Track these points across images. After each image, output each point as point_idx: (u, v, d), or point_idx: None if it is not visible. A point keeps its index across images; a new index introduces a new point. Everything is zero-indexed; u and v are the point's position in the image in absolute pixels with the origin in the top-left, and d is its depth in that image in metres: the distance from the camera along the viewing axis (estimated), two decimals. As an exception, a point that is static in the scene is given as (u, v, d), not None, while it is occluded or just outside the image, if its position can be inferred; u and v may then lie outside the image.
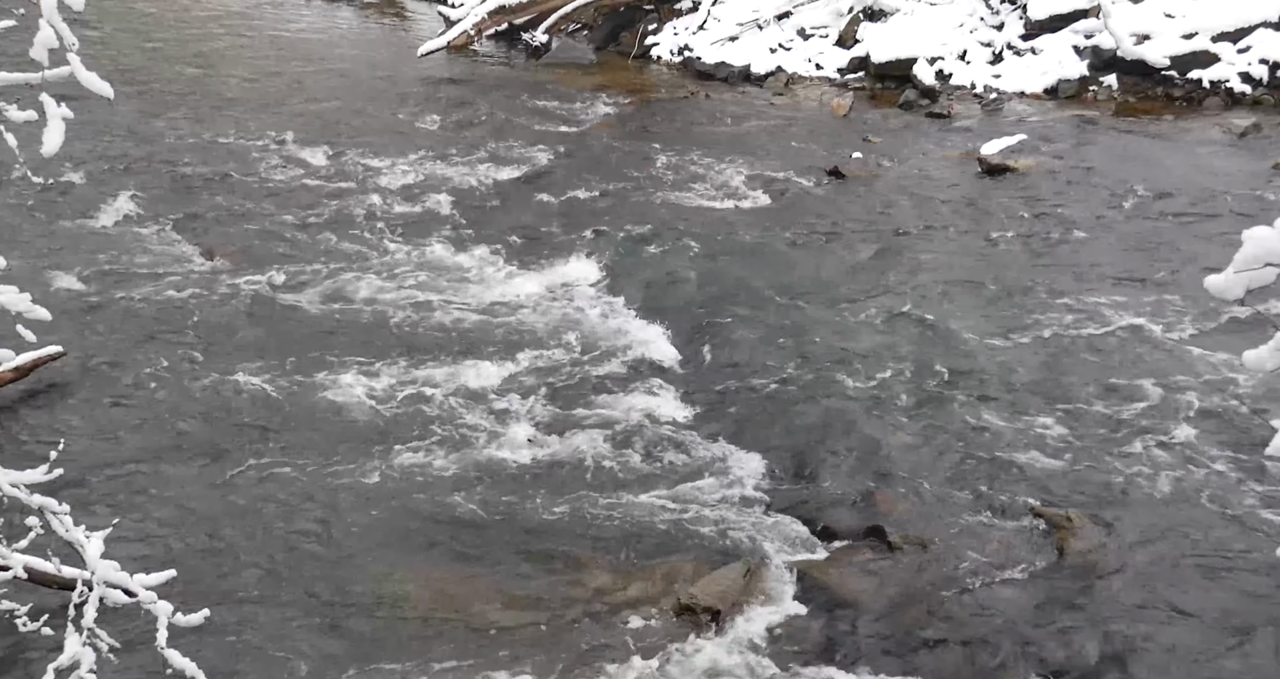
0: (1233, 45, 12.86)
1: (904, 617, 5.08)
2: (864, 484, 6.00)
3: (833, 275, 8.60)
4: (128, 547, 5.23)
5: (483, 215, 9.78)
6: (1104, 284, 8.31)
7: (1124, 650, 4.82)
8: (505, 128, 12.15)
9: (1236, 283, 3.03)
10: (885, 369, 7.16)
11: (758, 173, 10.78)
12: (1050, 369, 7.11)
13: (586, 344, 7.58)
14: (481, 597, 5.26)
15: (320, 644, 4.93)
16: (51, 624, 3.73)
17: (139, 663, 4.41)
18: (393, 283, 8.40)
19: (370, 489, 6.00)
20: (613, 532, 5.69)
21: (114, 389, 6.86)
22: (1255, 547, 5.41)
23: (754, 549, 5.51)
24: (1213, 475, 6.00)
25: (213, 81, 13.48)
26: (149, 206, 9.63)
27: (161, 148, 11.06)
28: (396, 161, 10.96)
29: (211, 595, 5.07)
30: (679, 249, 9.06)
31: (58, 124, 2.90)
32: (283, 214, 9.62)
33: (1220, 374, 6.91)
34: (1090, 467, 6.13)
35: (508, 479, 6.12)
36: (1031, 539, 5.57)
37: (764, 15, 15.07)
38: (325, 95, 13.16)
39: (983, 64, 13.87)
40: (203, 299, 8.04)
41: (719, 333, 7.72)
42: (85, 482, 5.87)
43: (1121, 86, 13.05)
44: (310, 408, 6.72)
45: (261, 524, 5.70)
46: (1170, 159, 11.06)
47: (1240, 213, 9.27)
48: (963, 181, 10.71)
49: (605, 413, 6.75)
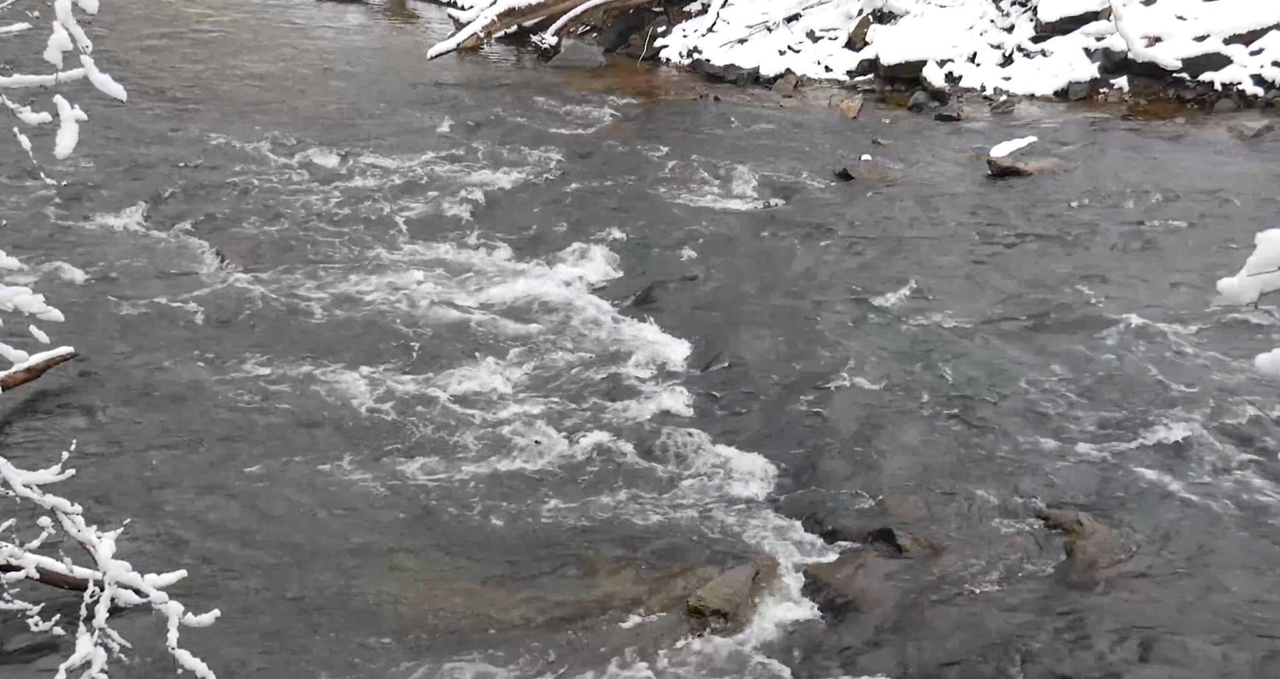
0: (1245, 47, 12.80)
1: (913, 619, 5.07)
2: (873, 487, 5.98)
3: (841, 278, 8.59)
4: (139, 547, 5.25)
5: (492, 217, 9.79)
6: (1114, 286, 8.28)
7: (1135, 653, 4.80)
8: (515, 130, 12.16)
9: (1250, 286, 3.01)
10: (894, 372, 7.14)
11: (767, 175, 10.77)
12: (1060, 371, 7.09)
13: (594, 346, 7.58)
14: (489, 598, 5.27)
15: (329, 644, 4.94)
16: (63, 624, 3.74)
17: (150, 663, 4.43)
18: (402, 284, 8.42)
19: (378, 490, 6.01)
20: (620, 534, 5.69)
21: (125, 390, 6.89)
22: (1267, 550, 5.38)
23: (762, 552, 5.50)
24: (1224, 479, 5.97)
25: (224, 84, 13.53)
26: (161, 209, 9.66)
27: (173, 150, 11.11)
28: (407, 163, 10.98)
29: (222, 596, 5.08)
30: (688, 251, 9.06)
31: (71, 126, 2.91)
32: (293, 216, 9.65)
33: (1233, 378, 6.88)
34: (1100, 469, 6.11)
35: (514, 481, 6.13)
36: (1041, 542, 5.55)
37: (773, 17, 15.06)
38: (336, 97, 13.20)
39: (993, 66, 13.83)
40: (214, 301, 8.06)
41: (727, 335, 7.71)
42: (97, 482, 5.89)
43: (1133, 89, 13.00)
44: (319, 409, 6.74)
45: (271, 524, 5.72)
46: (1182, 161, 11.02)
47: (1252, 215, 9.23)
48: (972, 184, 10.68)
49: (612, 415, 6.75)
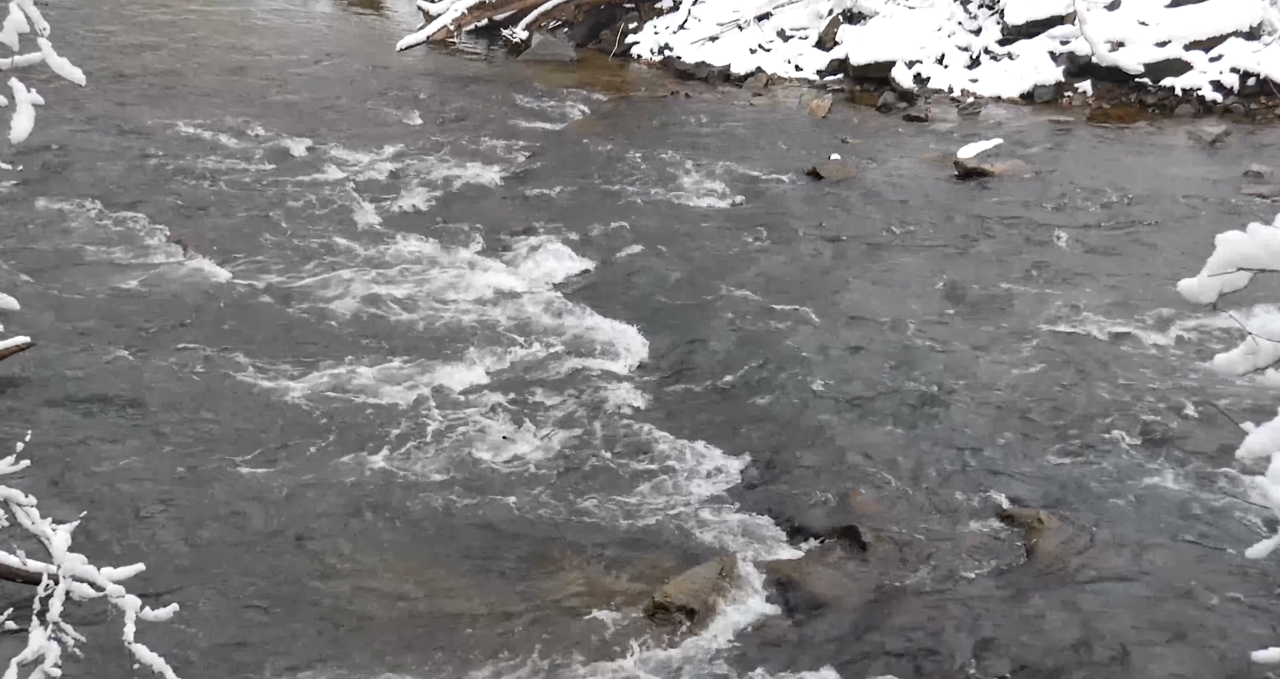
0: (1205, 54, 13.01)
1: (876, 615, 5.10)
2: (838, 484, 6.02)
3: (809, 276, 8.63)
4: (95, 540, 5.17)
5: (458, 211, 9.73)
6: (1077, 287, 8.38)
7: (1093, 647, 4.86)
8: (483, 124, 12.09)
9: (1210, 286, 3.04)
10: (859, 370, 7.18)
11: (736, 173, 10.79)
12: (1021, 371, 7.16)
13: (558, 341, 7.56)
14: (454, 594, 5.24)
15: (291, 640, 4.89)
16: (16, 618, 3.67)
17: (106, 658, 4.35)
18: (365, 278, 8.34)
19: (342, 485, 5.95)
20: (587, 530, 5.68)
21: (83, 380, 6.77)
22: (1226, 547, 5.47)
23: (728, 548, 5.51)
24: (1184, 477, 6.07)
25: (187, 71, 13.33)
26: (121, 196, 9.51)
27: (135, 138, 10.93)
28: (373, 156, 10.88)
29: (181, 590, 5.01)
30: (655, 248, 9.05)
31: (27, 110, 2.85)
32: (256, 207, 9.53)
33: (1191, 377, 6.98)
34: (1060, 468, 6.19)
35: (481, 477, 6.09)
36: (1002, 539, 5.61)
37: (744, 16, 15.08)
38: (302, 88, 13.05)
39: (960, 68, 13.95)
40: (174, 291, 7.95)
41: (693, 332, 7.72)
42: (53, 473, 5.79)
43: (1096, 92, 13.17)
44: (279, 401, 6.67)
45: (231, 518, 5.65)
46: (1143, 164, 11.18)
47: (1211, 217, 9.38)
48: (939, 184, 10.77)
49: (579, 411, 6.73)
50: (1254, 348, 3.17)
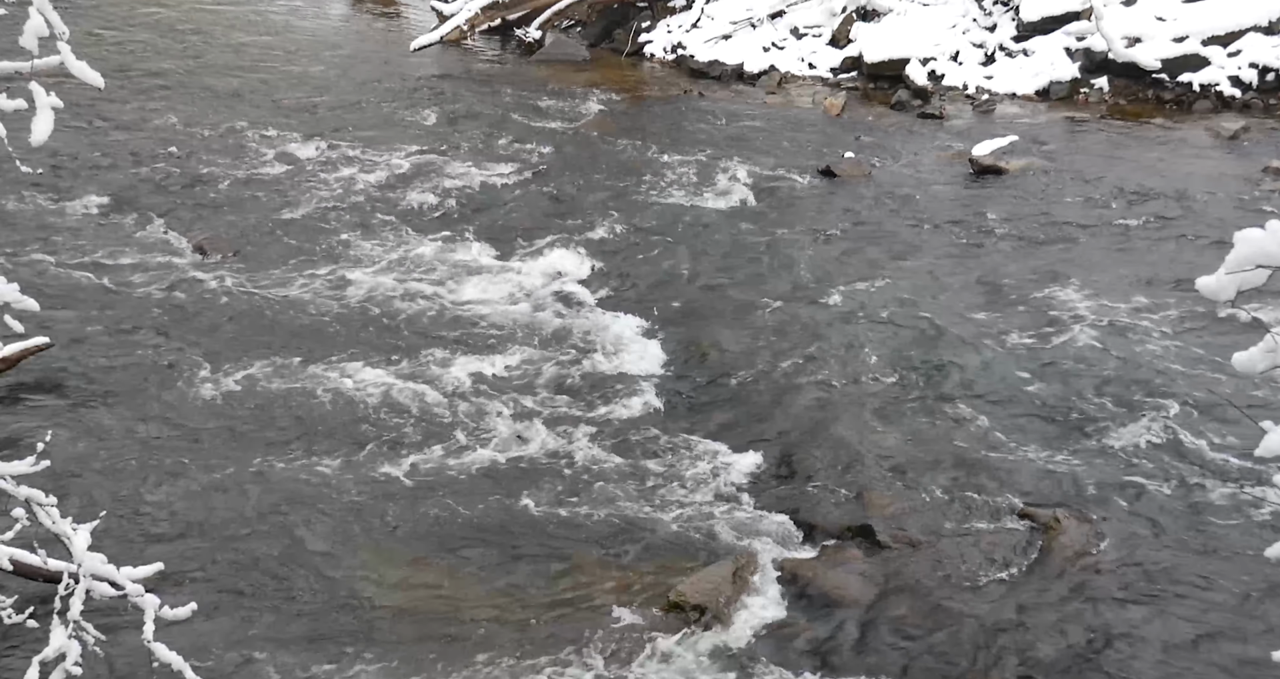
0: (1223, 49, 12.91)
1: (891, 615, 5.09)
2: (853, 483, 6.00)
3: (823, 274, 8.61)
4: (115, 539, 5.20)
5: (474, 212, 9.75)
6: (1094, 285, 8.33)
7: (1111, 649, 4.84)
8: (498, 124, 12.11)
9: (1228, 284, 3.02)
10: (875, 368, 7.17)
11: (750, 171, 10.77)
12: (1039, 369, 7.13)
13: (574, 340, 7.57)
14: (469, 593, 5.25)
15: (307, 638, 4.91)
16: (37, 617, 3.70)
17: (126, 657, 4.39)
18: (382, 279, 8.38)
19: (358, 485, 5.98)
20: (601, 529, 5.68)
21: (102, 381, 6.82)
22: (1244, 546, 5.43)
23: (742, 547, 5.50)
24: (1201, 476, 6.03)
25: (204, 74, 13.40)
26: (139, 198, 9.57)
27: (153, 140, 11.00)
28: (388, 157, 10.92)
29: (199, 589, 5.05)
30: (670, 247, 9.05)
31: (47, 113, 2.87)
32: (274, 209, 9.58)
33: (1210, 375, 6.94)
34: (1078, 467, 6.15)
35: (496, 476, 6.11)
36: (1019, 538, 5.58)
37: (757, 14, 15.06)
38: (317, 89, 13.10)
39: (975, 65, 13.89)
40: (193, 293, 8.00)
41: (708, 330, 7.72)
42: (73, 473, 5.83)
43: (1113, 89, 13.09)
44: (297, 402, 6.70)
45: (250, 517, 5.68)
46: (1160, 161, 11.10)
47: (1230, 215, 9.31)
48: (954, 182, 10.73)
49: (594, 410, 6.74)
50: (1273, 345, 3.15)
